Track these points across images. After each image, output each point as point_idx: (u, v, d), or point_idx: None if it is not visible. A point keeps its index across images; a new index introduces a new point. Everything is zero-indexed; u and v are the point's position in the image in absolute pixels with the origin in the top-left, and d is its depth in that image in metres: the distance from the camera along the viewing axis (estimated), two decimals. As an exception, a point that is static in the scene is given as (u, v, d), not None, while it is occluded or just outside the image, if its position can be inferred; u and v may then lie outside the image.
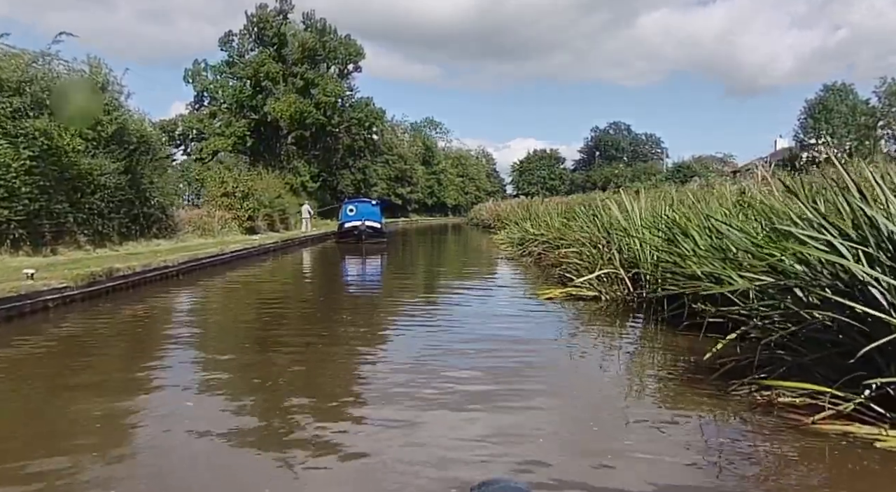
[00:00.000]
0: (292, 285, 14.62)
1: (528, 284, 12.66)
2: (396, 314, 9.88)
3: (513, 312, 9.49)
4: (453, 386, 5.32)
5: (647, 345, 7.47)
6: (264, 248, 22.43)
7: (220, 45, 53.63)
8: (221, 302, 11.71)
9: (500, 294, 11.79)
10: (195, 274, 14.92)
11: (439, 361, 6.32)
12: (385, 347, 7.46)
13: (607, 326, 8.54)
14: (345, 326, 8.82)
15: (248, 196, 30.94)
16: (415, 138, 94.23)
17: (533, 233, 18.78)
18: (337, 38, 54.02)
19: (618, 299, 9.65)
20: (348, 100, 55.87)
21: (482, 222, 50.22)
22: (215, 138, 48.85)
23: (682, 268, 7.36)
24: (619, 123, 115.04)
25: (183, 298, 11.99)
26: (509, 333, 7.74)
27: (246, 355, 6.86)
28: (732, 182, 20.71)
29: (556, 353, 6.98)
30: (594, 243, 10.72)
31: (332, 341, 7.58)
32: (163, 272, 13.28)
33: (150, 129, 21.96)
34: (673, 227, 8.11)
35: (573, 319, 8.93)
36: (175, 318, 10.00)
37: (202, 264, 15.65)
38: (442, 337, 7.57)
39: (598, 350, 7.21)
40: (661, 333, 7.72)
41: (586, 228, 12.08)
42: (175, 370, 6.16)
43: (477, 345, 6.99)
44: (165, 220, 22.44)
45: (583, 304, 9.71)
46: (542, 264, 16.52)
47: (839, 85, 62.81)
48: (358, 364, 6.58)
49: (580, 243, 11.59)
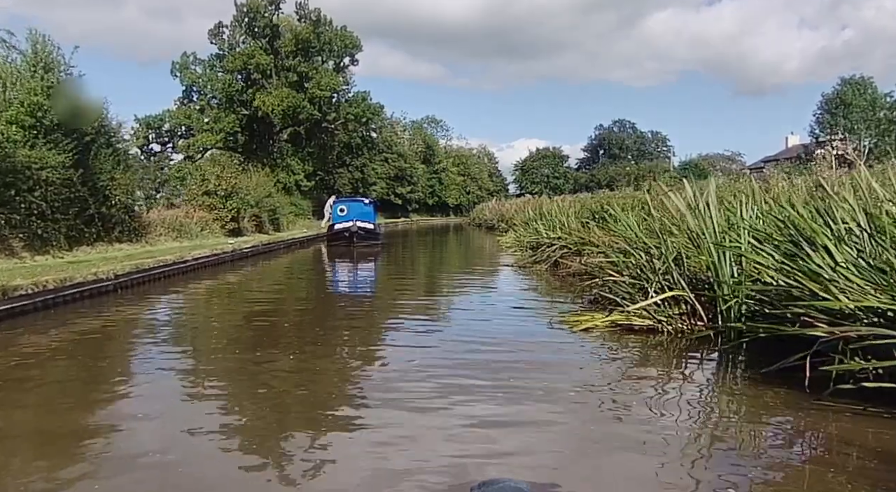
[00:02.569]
0: (251, 307, 11.17)
1: (551, 305, 9.91)
2: (381, 364, 7.27)
3: (543, 357, 6.54)
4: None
5: (797, 429, 4.45)
6: (241, 252, 19.76)
7: (209, 38, 50.95)
8: (142, 346, 7.78)
9: (517, 323, 8.62)
10: (143, 288, 12.30)
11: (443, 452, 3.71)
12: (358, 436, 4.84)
13: (709, 391, 5.80)
14: (299, 391, 6.21)
15: (231, 195, 28.33)
16: (415, 136, 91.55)
17: (548, 236, 16.15)
18: (332, 29, 51.29)
19: (684, 332, 7.01)
20: (344, 95, 53.17)
21: (485, 223, 47.74)
22: (203, 134, 46.13)
23: (808, 293, 4.74)
24: (624, 121, 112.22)
25: (87, 329, 9.30)
26: (547, 416, 4.66)
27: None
28: (757, 180, 18.18)
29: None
30: (646, 250, 8.09)
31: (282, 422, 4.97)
32: (92, 288, 10.64)
33: (111, 117, 19.36)
34: (791, 232, 5.46)
35: (645, 379, 5.82)
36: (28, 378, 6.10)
37: (153, 275, 12.98)
38: (443, 417, 4.91)
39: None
40: (789, 400, 4.82)
41: (630, 232, 9.45)
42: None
43: (500, 429, 4.37)
44: (130, 221, 19.85)
45: (633, 336, 7.09)
46: (561, 274, 13.88)
47: (857, 78, 59.92)
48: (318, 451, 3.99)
49: (621, 251, 8.97)
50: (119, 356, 7.30)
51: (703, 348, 6.60)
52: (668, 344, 6.83)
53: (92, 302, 10.41)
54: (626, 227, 9.49)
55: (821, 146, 58.99)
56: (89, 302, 10.37)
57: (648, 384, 5.49)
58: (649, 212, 8.96)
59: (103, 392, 5.60)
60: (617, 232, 10.45)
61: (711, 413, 4.85)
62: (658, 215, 8.42)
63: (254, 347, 7.42)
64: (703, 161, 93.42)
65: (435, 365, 6.16)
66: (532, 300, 11.03)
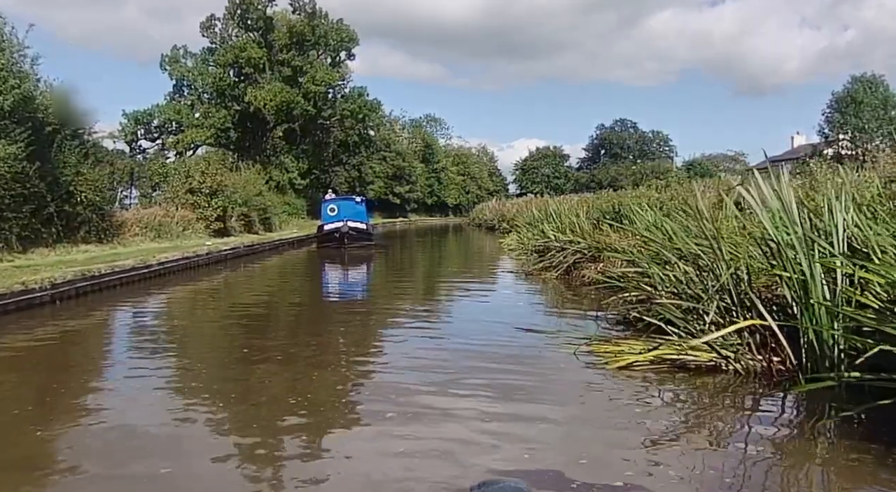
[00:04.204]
0: (212, 331, 8.98)
1: (571, 325, 8.09)
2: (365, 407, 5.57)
3: (581, 412, 4.76)
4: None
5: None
6: (217, 255, 18.00)
7: (201, 31, 49.23)
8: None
9: (533, 353, 6.57)
10: (92, 299, 10.57)
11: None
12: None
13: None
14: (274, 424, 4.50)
15: (217, 193, 26.54)
16: (414, 135, 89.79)
17: (558, 239, 14.44)
18: (328, 23, 49.55)
19: (756, 372, 5.30)
20: (340, 90, 51.45)
21: (485, 223, 46.10)
22: (193, 130, 44.34)
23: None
24: (626, 121, 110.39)
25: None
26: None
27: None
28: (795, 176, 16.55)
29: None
30: (694, 261, 6.38)
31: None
32: (20, 300, 8.91)
33: (75, 107, 17.60)
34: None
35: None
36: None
37: (105, 283, 11.24)
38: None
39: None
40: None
41: (662, 235, 7.75)
42: None
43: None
44: (99, 221, 18.10)
45: (685, 376, 5.39)
46: (574, 283, 12.18)
47: (868, 76, 58.22)
48: None
49: (658, 260, 7.27)
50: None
51: (800, 400, 4.89)
52: (738, 388, 5.13)
53: (19, 317, 8.68)
54: (664, 231, 7.78)
55: (830, 145, 57.50)
56: (15, 317, 8.64)
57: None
58: (694, 214, 7.23)
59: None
60: (645, 236, 8.76)
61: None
62: (708, 216, 6.68)
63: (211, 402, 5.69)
64: (707, 161, 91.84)
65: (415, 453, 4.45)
66: (546, 318, 9.22)
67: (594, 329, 7.44)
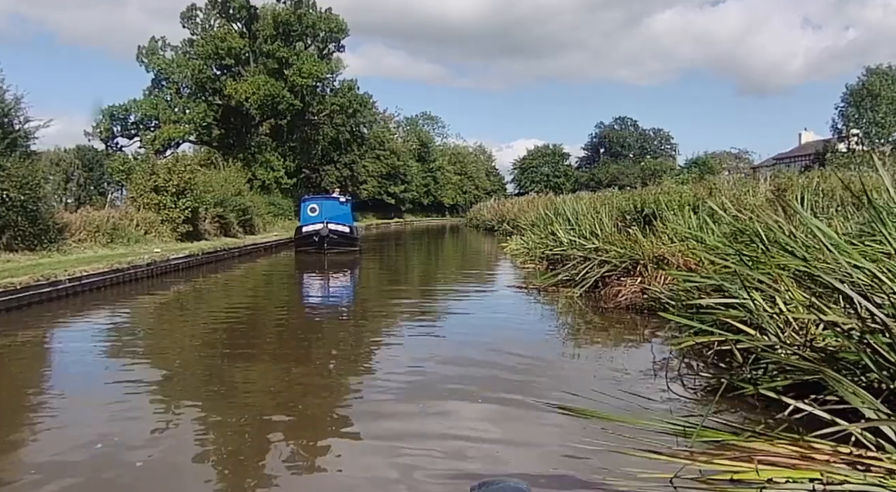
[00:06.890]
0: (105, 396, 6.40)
1: (631, 393, 4.98)
2: None
3: None
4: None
5: None
6: (166, 265, 15.04)
7: (181, 21, 46.30)
8: None
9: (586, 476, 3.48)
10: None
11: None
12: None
13: None
14: None
15: (185, 191, 23.60)
16: (410, 133, 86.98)
17: (581, 245, 11.59)
18: (316, 12, 46.72)
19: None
20: (329, 84, 48.54)
21: (484, 224, 43.38)
22: (171, 126, 41.38)
23: None
24: (626, 119, 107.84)
25: None
26: None
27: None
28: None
29: None
30: (863, 294, 3.58)
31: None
32: None
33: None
34: None
35: None
36: None
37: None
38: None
39: None
40: None
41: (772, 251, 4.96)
42: None
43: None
44: (30, 225, 15.28)
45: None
46: (606, 306, 9.30)
47: (885, 68, 55.52)
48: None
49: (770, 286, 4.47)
50: None
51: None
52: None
53: None
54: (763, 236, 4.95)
55: (842, 141, 54.75)
56: None
57: None
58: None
59: None
60: (724, 246, 5.96)
61: None
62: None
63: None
64: (711, 159, 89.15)
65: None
66: (592, 379, 6.22)
67: (679, 405, 4.59)
